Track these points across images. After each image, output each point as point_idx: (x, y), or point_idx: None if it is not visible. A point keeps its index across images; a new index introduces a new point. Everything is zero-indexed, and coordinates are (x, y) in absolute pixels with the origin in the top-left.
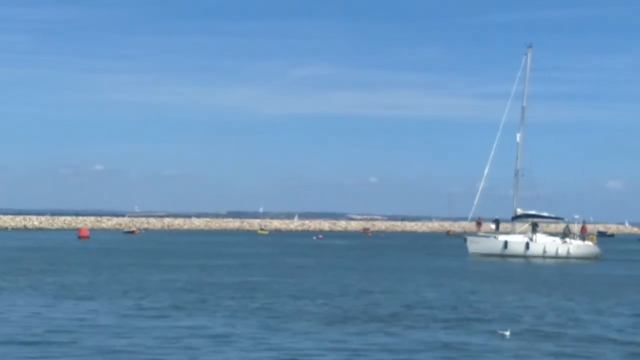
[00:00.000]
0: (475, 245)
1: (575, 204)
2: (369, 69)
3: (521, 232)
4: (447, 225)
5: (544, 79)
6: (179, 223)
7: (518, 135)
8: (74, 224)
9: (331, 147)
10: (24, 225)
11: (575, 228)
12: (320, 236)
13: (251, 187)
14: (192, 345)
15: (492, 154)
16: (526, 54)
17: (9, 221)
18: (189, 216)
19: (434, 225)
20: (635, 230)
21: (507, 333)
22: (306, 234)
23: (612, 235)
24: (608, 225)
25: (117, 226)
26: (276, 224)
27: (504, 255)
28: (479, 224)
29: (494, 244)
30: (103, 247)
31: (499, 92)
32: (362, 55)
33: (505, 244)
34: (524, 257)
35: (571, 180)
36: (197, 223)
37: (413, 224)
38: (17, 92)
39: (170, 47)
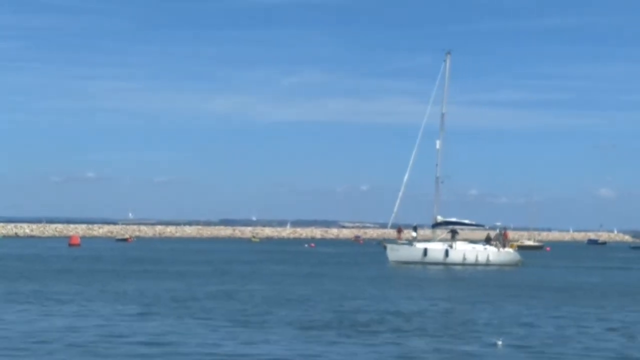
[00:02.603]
0: (395, 253)
1: (566, 211)
2: (360, 77)
3: (442, 240)
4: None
5: (537, 87)
6: (170, 231)
7: (438, 142)
8: (65, 232)
9: (323, 154)
10: (16, 233)
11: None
12: (312, 244)
13: (243, 194)
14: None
15: (411, 160)
16: (445, 61)
17: (0, 229)
18: (181, 224)
19: (426, 233)
20: (626, 238)
21: (500, 342)
22: (298, 241)
23: (604, 244)
24: (599, 233)
25: (109, 234)
26: (268, 231)
27: (424, 262)
28: (399, 231)
29: (413, 251)
30: (94, 256)
31: (491, 100)
32: (354, 62)
33: (425, 251)
34: (444, 264)
35: (563, 187)
36: (189, 231)
37: (405, 231)
38: (9, 98)
39: (163, 55)
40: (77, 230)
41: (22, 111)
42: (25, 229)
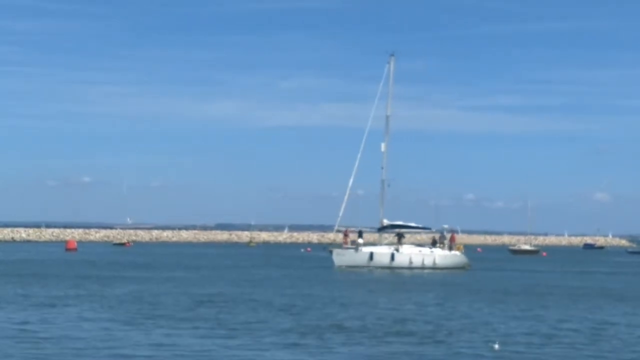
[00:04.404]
0: (341, 257)
1: (562, 215)
2: (357, 81)
3: (389, 243)
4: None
5: (533, 91)
6: (167, 235)
7: (383, 145)
8: (61, 236)
9: (320, 158)
10: (12, 238)
11: (445, 238)
12: (309, 249)
13: (240, 199)
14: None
15: (356, 164)
16: (388, 62)
17: None
18: (177, 228)
19: (422, 238)
20: (623, 242)
21: (496, 346)
22: (295, 246)
23: (601, 248)
24: (596, 238)
25: (105, 238)
26: (265, 236)
27: (370, 266)
28: (345, 235)
29: (359, 255)
30: (91, 260)
31: (486, 104)
32: (351, 67)
33: (371, 255)
34: (390, 268)
35: (559, 192)
36: (186, 235)
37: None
38: (4, 103)
39: (160, 60)
40: (74, 235)
41: (18, 116)
42: (21, 234)
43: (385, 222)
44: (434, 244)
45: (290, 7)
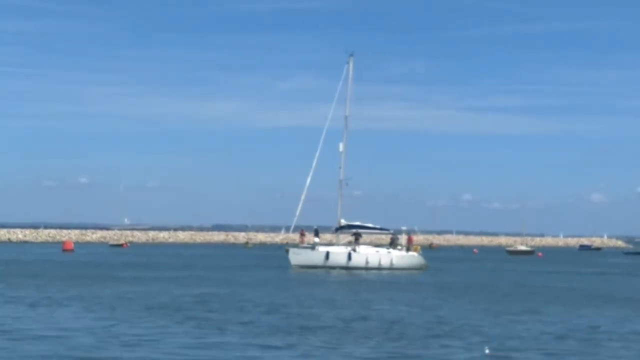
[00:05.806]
0: (297, 257)
1: (558, 217)
2: (357, 81)
3: (345, 243)
4: (431, 238)
5: (533, 91)
6: (163, 236)
7: (341, 145)
8: (58, 237)
9: (318, 159)
10: (9, 239)
11: (402, 239)
12: None
13: (237, 200)
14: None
15: (314, 163)
16: (348, 63)
17: None
18: (174, 229)
19: (419, 239)
20: (619, 243)
21: (487, 350)
22: (292, 246)
23: (598, 249)
24: (592, 239)
25: (102, 239)
26: (261, 237)
27: (326, 266)
28: (302, 234)
29: (315, 255)
30: (88, 261)
31: (486, 104)
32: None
33: (327, 255)
34: (346, 268)
35: (556, 193)
36: (182, 236)
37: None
38: (4, 103)
39: (157, 60)
40: (70, 236)
41: (15, 116)
42: (18, 234)
43: (343, 222)
44: (391, 244)
45: (290, 7)
